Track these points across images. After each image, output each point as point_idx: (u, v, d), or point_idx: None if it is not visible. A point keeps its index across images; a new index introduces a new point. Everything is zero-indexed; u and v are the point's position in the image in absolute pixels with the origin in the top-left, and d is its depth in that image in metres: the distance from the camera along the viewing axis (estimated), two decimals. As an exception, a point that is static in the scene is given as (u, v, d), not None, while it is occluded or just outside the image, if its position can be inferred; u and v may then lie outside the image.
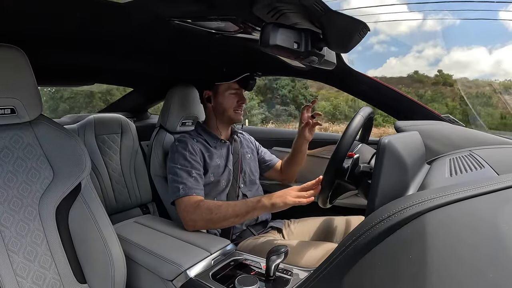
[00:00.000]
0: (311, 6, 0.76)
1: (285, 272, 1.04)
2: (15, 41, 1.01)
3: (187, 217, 1.31)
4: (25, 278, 0.99)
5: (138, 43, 1.44)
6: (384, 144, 0.83)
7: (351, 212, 1.65)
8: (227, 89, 1.58)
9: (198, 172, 1.42)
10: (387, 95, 1.65)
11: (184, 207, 1.33)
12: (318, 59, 0.91)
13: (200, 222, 1.30)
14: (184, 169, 1.41)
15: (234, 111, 1.59)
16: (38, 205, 1.06)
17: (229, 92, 1.58)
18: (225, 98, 1.58)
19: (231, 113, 1.59)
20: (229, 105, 1.58)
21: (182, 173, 1.40)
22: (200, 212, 1.29)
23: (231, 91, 1.58)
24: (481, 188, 0.51)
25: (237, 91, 1.59)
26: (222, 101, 1.59)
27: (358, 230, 0.54)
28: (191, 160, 1.44)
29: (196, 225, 1.31)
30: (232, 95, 1.58)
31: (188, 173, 1.40)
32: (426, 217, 0.48)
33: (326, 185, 1.14)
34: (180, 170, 1.41)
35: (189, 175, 1.39)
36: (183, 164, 1.42)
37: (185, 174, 1.39)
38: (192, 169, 1.41)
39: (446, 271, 0.37)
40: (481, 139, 1.26)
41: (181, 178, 1.38)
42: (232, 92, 1.58)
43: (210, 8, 0.93)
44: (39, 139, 1.10)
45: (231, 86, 1.57)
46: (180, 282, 1.03)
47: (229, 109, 1.59)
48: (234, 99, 1.59)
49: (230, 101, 1.58)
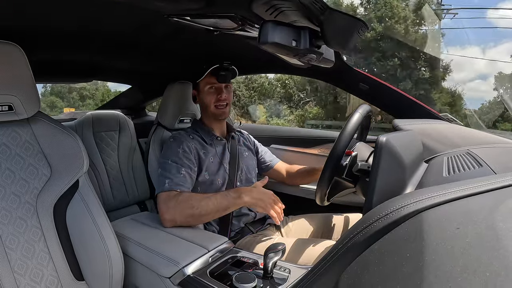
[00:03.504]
0: (310, 4, 0.76)
1: (282, 270, 1.04)
2: (13, 37, 1.01)
3: (166, 212, 1.28)
4: (23, 275, 0.99)
5: (137, 40, 1.44)
6: (382, 142, 0.83)
7: (348, 210, 1.66)
8: (206, 85, 1.58)
9: (188, 171, 1.41)
10: (386, 93, 1.66)
11: (164, 201, 1.30)
12: (317, 57, 0.91)
13: (180, 218, 1.28)
14: (174, 165, 1.40)
15: (215, 107, 1.58)
16: (35, 202, 1.06)
17: (207, 87, 1.58)
18: (205, 95, 1.58)
19: (212, 109, 1.59)
20: (208, 101, 1.58)
21: (171, 168, 1.39)
22: (181, 207, 1.27)
23: (209, 86, 1.58)
24: (478, 187, 0.51)
25: (214, 85, 1.58)
26: (203, 97, 1.60)
27: (355, 228, 0.54)
28: (183, 157, 1.43)
29: (176, 220, 1.28)
30: (211, 90, 1.58)
31: (177, 169, 1.39)
32: (423, 216, 0.48)
33: (324, 182, 1.14)
34: (170, 165, 1.40)
35: (178, 172, 1.38)
36: (174, 160, 1.42)
37: (174, 170, 1.39)
38: (182, 166, 1.40)
39: (443, 270, 0.37)
40: (479, 138, 1.26)
41: (169, 173, 1.37)
42: (210, 87, 1.58)
43: (209, 5, 0.93)
44: (37, 136, 1.09)
45: (209, 81, 1.57)
46: (178, 279, 1.03)
47: (210, 105, 1.58)
48: (213, 95, 1.58)
49: (209, 96, 1.58)
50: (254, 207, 1.29)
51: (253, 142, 1.84)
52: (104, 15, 1.08)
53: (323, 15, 0.79)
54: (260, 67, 1.73)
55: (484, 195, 0.50)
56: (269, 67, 1.93)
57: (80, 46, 1.50)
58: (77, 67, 1.96)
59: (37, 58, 1.16)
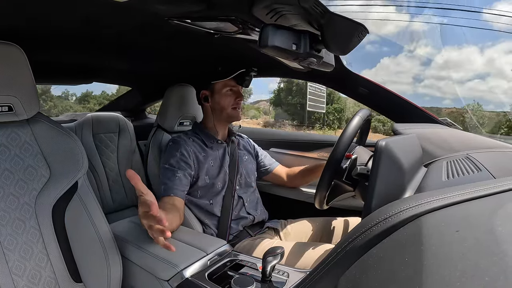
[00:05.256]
0: (311, 8, 0.76)
1: (281, 273, 1.04)
2: (14, 38, 1.01)
3: None
4: (21, 277, 0.99)
5: (137, 42, 1.44)
6: (382, 146, 0.83)
7: (347, 214, 1.65)
8: (224, 87, 1.58)
9: (183, 173, 1.43)
10: (385, 97, 1.66)
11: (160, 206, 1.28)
12: (317, 61, 0.91)
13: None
14: (171, 169, 1.42)
15: (232, 109, 1.59)
16: (34, 203, 1.06)
17: (226, 89, 1.58)
18: (222, 96, 1.58)
19: (229, 111, 1.59)
20: (226, 103, 1.58)
21: (167, 173, 1.41)
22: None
23: (227, 88, 1.58)
24: (477, 192, 0.51)
25: (233, 88, 1.59)
26: (219, 99, 1.58)
27: (354, 232, 0.54)
28: (180, 161, 1.44)
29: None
30: (229, 92, 1.58)
31: (173, 173, 1.41)
32: (422, 220, 0.48)
33: (323, 185, 1.14)
34: (167, 170, 1.43)
35: (173, 175, 1.40)
36: (171, 164, 1.44)
37: (170, 173, 1.41)
38: (178, 169, 1.42)
39: (442, 274, 0.37)
40: (478, 142, 1.26)
41: (166, 178, 1.40)
42: (229, 90, 1.58)
43: (210, 8, 0.93)
44: (36, 137, 1.09)
45: (227, 83, 1.57)
46: (176, 282, 1.03)
47: (227, 107, 1.58)
48: (231, 97, 1.58)
49: (227, 98, 1.58)
50: None
51: (253, 146, 1.84)
52: (104, 16, 1.08)
53: (324, 19, 0.80)
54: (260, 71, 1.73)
55: (483, 200, 0.50)
56: (269, 71, 1.93)
57: (80, 47, 1.51)
58: (77, 68, 1.97)
59: (37, 59, 1.16)
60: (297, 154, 2.10)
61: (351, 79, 1.66)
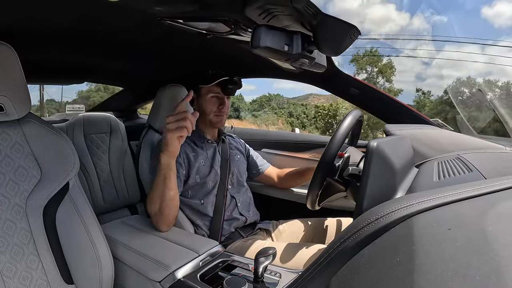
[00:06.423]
0: (303, 9, 0.77)
1: (273, 274, 1.04)
2: (5, 37, 1.00)
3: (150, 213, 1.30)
4: (12, 278, 0.98)
5: (129, 42, 1.43)
6: (373, 147, 0.84)
7: (339, 214, 1.66)
8: (208, 92, 1.57)
9: None
10: (377, 98, 1.67)
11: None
12: (309, 62, 0.91)
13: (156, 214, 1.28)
14: None
15: (214, 115, 1.58)
16: (25, 204, 1.04)
17: (210, 95, 1.57)
18: (206, 102, 1.57)
19: (211, 117, 1.59)
20: (209, 109, 1.57)
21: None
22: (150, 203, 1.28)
23: (211, 94, 1.57)
24: (468, 192, 0.51)
25: (217, 95, 1.57)
26: (202, 104, 1.58)
27: (346, 233, 0.54)
28: None
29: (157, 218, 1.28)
30: (213, 98, 1.57)
31: None
32: (413, 220, 0.48)
33: (315, 184, 1.15)
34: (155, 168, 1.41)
35: None
36: None
37: None
38: None
39: (434, 274, 0.37)
40: (469, 143, 1.27)
41: (153, 176, 1.37)
42: (213, 96, 1.57)
43: (202, 8, 0.93)
44: (27, 138, 1.08)
45: (211, 89, 1.56)
46: (168, 283, 1.03)
47: (209, 113, 1.58)
48: (214, 103, 1.58)
49: (210, 104, 1.57)
50: (170, 148, 1.23)
51: (244, 145, 1.84)
52: (96, 16, 1.07)
53: (316, 20, 0.80)
54: (252, 72, 1.73)
55: (474, 200, 0.50)
56: (261, 72, 1.94)
57: (72, 47, 1.50)
58: (69, 68, 1.95)
59: (28, 58, 1.15)
60: (288, 154, 2.10)
61: (342, 80, 1.66)
